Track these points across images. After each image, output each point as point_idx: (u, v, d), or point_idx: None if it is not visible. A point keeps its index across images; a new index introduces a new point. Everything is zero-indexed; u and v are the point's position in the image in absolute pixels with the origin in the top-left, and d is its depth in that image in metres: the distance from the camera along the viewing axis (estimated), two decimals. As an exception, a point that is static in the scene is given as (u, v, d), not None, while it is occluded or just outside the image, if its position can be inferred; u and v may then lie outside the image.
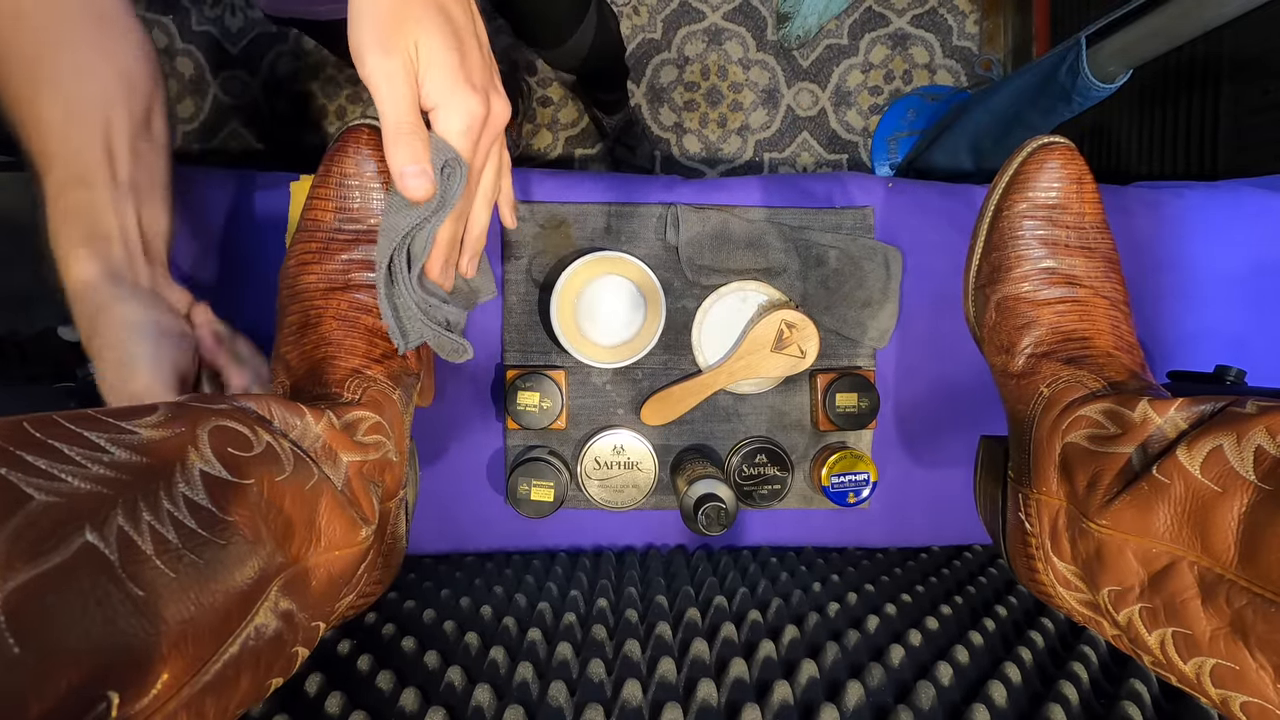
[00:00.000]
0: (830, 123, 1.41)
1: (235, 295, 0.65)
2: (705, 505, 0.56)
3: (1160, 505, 0.33)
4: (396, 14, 0.36)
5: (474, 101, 0.38)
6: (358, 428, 0.40)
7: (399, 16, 0.36)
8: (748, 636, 0.51)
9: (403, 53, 0.36)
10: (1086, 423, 0.40)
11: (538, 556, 0.69)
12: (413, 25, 0.36)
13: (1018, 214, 0.48)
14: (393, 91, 0.36)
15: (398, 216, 0.41)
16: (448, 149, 0.39)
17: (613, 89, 1.21)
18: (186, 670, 0.23)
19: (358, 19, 0.36)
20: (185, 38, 1.35)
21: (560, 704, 0.42)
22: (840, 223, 0.69)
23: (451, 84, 0.37)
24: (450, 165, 0.39)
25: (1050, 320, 0.46)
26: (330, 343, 0.43)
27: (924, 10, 1.40)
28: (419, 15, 0.36)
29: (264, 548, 0.28)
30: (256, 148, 1.36)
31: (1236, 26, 0.68)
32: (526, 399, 0.63)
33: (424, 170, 0.38)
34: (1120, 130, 1.13)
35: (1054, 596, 0.43)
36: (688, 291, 0.67)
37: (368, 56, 0.36)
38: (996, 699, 0.43)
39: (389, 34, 0.35)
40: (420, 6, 0.36)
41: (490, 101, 0.39)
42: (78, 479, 0.22)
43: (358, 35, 0.36)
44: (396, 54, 0.36)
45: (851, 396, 0.65)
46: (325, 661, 0.48)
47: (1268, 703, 0.29)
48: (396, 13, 0.36)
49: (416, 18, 0.36)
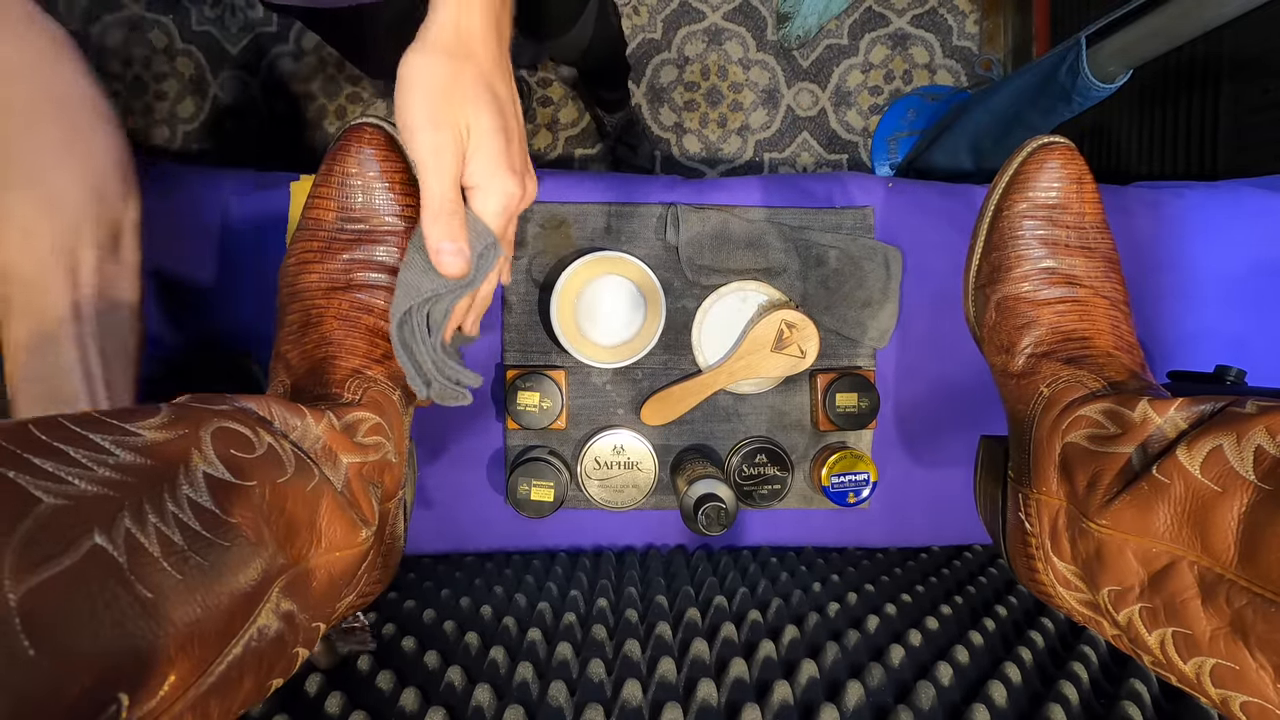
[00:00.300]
0: (830, 123, 1.41)
1: (235, 295, 0.65)
2: (705, 505, 0.56)
3: (1160, 505, 0.33)
4: (449, 89, 0.36)
5: (513, 185, 0.39)
6: (358, 429, 0.40)
7: (451, 92, 0.36)
8: (748, 636, 0.51)
9: (453, 128, 0.36)
10: (1086, 423, 0.40)
11: (538, 556, 0.69)
12: (464, 102, 0.36)
13: (1018, 214, 0.48)
14: (439, 167, 0.37)
15: (422, 277, 0.41)
16: (486, 232, 0.40)
17: (615, 87, 1.21)
18: (193, 672, 0.23)
19: (409, 88, 0.36)
20: (185, 38, 1.35)
21: (560, 704, 0.42)
22: (840, 223, 0.69)
23: (495, 167, 0.38)
24: (488, 250, 0.40)
25: (1050, 320, 0.46)
26: (331, 342, 0.43)
27: (924, 10, 1.40)
28: (472, 93, 0.37)
29: (266, 549, 0.28)
30: (256, 148, 1.36)
31: (1236, 26, 0.68)
32: (526, 399, 0.63)
33: (461, 250, 0.38)
34: (1120, 130, 1.13)
35: (1054, 596, 0.43)
36: (688, 291, 0.68)
37: (419, 130, 0.36)
38: (996, 699, 0.43)
39: (441, 109, 0.36)
40: (472, 84, 0.37)
41: (525, 184, 0.40)
42: (84, 482, 0.22)
43: (409, 105, 0.36)
44: (446, 129, 0.36)
45: (851, 396, 0.65)
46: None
47: (1268, 703, 0.29)
48: (449, 88, 0.36)
49: (468, 95, 0.37)
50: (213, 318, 0.65)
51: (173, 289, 0.65)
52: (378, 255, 0.45)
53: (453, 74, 0.36)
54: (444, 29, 0.36)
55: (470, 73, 0.37)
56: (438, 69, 0.36)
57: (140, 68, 1.34)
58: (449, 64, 0.36)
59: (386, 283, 0.45)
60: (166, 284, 0.65)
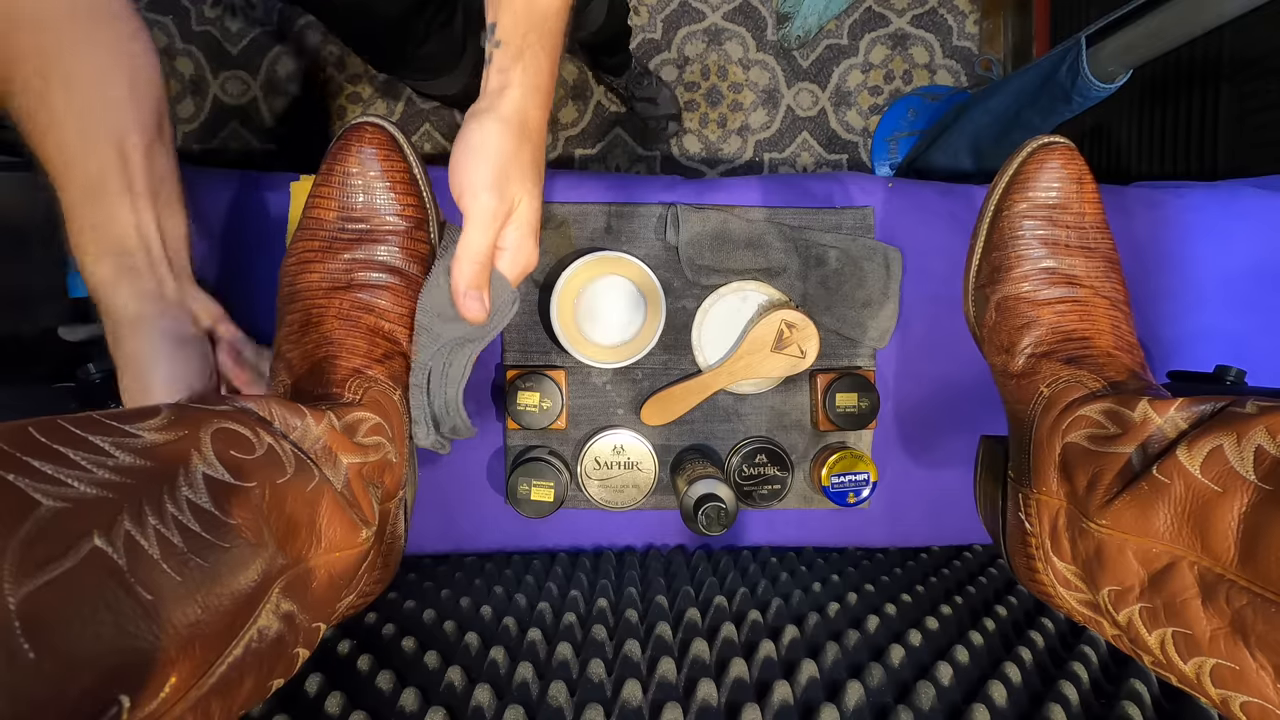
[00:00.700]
0: (830, 123, 1.41)
1: (236, 295, 0.65)
2: (705, 505, 0.56)
3: (1160, 505, 0.33)
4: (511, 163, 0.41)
5: (534, 254, 0.46)
6: (358, 429, 0.40)
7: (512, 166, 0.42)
8: (748, 636, 0.51)
9: (509, 201, 0.42)
10: (1086, 423, 0.40)
11: (538, 556, 0.69)
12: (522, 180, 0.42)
13: (1018, 214, 0.48)
14: (486, 227, 0.42)
15: (445, 325, 0.46)
16: (507, 288, 0.45)
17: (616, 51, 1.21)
18: (193, 673, 0.23)
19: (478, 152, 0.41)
20: (185, 38, 1.35)
21: (560, 704, 0.42)
22: (840, 223, 0.69)
23: (526, 237, 0.44)
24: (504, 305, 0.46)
25: (1050, 320, 0.46)
26: (332, 342, 0.43)
27: (924, 10, 1.40)
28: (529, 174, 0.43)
29: (266, 550, 0.28)
30: (256, 148, 1.36)
31: (1236, 26, 0.68)
32: (526, 399, 0.63)
33: (483, 298, 0.44)
34: (1120, 130, 1.13)
35: (1054, 596, 0.43)
36: (688, 291, 0.68)
37: (481, 193, 0.41)
38: (996, 699, 0.43)
39: (501, 179, 0.41)
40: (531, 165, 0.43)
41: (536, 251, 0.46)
42: (84, 484, 0.22)
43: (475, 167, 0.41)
44: (505, 201, 0.42)
45: (851, 396, 0.65)
46: (325, 661, 0.48)
47: (1268, 703, 0.29)
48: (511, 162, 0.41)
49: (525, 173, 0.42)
50: (213, 318, 0.65)
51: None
52: (379, 255, 0.45)
53: (516, 150, 0.41)
54: (514, 107, 0.41)
55: (529, 153, 0.42)
56: (506, 142, 0.41)
57: (140, 68, 1.34)
58: (516, 141, 0.41)
59: (387, 282, 0.45)
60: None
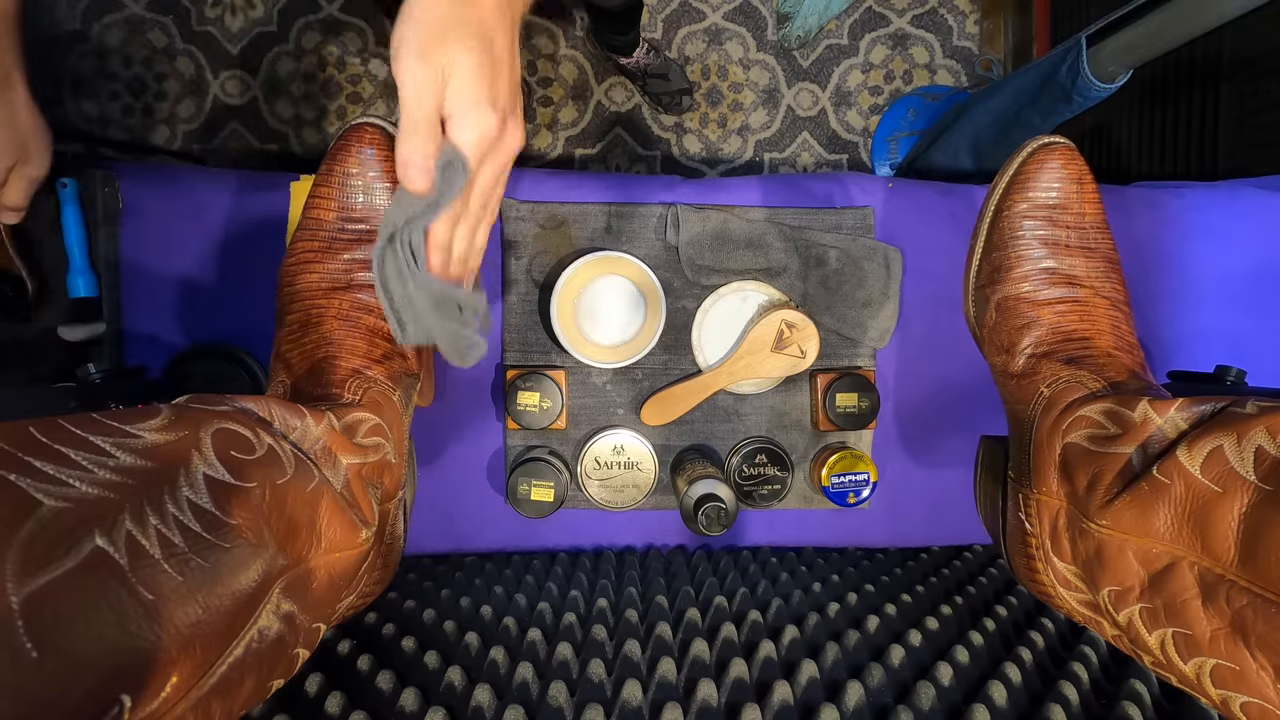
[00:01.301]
0: (830, 123, 1.41)
1: (236, 295, 0.65)
2: (705, 505, 0.56)
3: (1160, 505, 0.33)
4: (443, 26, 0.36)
5: (490, 119, 0.39)
6: (357, 429, 0.40)
7: (445, 29, 0.36)
8: (748, 636, 0.51)
9: (438, 67, 0.37)
10: (1087, 423, 0.40)
11: (538, 556, 0.69)
12: (455, 42, 0.37)
13: (1018, 214, 0.48)
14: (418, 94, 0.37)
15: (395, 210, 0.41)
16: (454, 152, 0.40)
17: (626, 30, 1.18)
18: (194, 673, 0.23)
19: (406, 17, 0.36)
20: (185, 38, 1.35)
21: (560, 704, 0.42)
22: (840, 223, 0.69)
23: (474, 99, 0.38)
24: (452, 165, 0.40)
25: (1050, 320, 0.46)
26: (331, 342, 0.43)
27: (924, 10, 1.40)
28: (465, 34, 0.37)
29: (266, 550, 0.28)
30: (256, 148, 1.36)
31: (1236, 26, 0.68)
32: (526, 399, 0.63)
33: (426, 167, 0.39)
34: (1120, 130, 1.13)
35: (1054, 597, 0.43)
36: (688, 291, 0.68)
37: (405, 58, 0.37)
38: (996, 699, 0.43)
39: (432, 43, 0.36)
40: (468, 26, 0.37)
41: (506, 124, 0.40)
42: (85, 484, 0.22)
43: (402, 33, 0.36)
44: (432, 65, 0.37)
45: (851, 396, 0.65)
46: (325, 661, 0.48)
47: (1268, 703, 0.29)
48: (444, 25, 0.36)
49: (461, 35, 0.37)
50: (213, 318, 0.65)
51: (173, 289, 0.65)
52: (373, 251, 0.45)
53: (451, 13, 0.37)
54: None
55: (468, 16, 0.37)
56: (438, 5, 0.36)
57: (140, 68, 1.34)
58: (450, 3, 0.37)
59: None
60: (166, 284, 0.65)
